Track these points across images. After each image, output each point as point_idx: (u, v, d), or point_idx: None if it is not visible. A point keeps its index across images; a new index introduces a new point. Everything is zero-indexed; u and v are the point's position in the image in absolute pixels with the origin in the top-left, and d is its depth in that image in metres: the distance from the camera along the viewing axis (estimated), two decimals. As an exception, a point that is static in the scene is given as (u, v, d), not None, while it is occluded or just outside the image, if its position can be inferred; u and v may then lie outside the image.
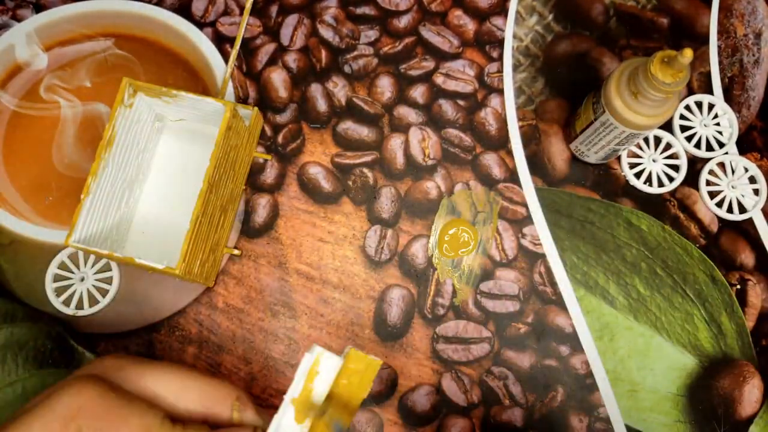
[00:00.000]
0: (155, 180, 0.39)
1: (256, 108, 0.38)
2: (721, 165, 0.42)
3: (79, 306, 0.37)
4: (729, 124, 0.42)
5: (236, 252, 0.39)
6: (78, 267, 0.38)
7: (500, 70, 0.43)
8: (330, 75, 0.42)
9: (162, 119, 0.39)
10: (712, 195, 0.41)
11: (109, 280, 0.38)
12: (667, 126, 0.42)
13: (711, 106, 0.42)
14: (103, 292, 0.37)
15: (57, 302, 0.37)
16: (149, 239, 0.38)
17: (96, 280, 0.38)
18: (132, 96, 0.35)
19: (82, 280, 0.38)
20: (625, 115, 0.34)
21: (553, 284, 0.39)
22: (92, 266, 0.38)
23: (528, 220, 0.40)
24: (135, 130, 0.36)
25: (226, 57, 0.42)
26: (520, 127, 0.42)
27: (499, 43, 0.43)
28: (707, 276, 0.40)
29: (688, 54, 0.30)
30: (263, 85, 0.42)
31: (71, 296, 0.37)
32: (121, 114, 0.35)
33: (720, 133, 0.42)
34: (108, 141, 0.34)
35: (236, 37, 0.42)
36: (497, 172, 0.41)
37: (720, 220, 0.41)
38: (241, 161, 0.38)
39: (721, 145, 0.42)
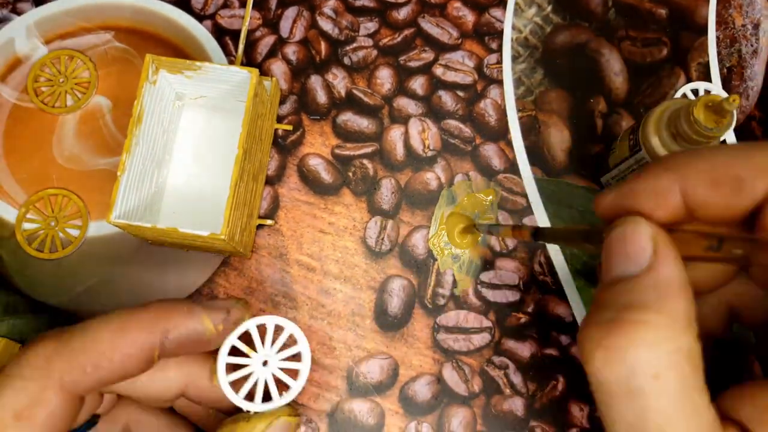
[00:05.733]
0: (179, 160, 0.39)
1: (275, 78, 0.39)
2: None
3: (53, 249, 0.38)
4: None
5: (270, 222, 0.39)
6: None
7: (499, 61, 0.43)
8: (329, 67, 0.42)
9: (182, 98, 0.39)
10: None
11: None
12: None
13: (707, 93, 0.43)
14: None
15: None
16: (180, 218, 0.38)
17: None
18: (155, 73, 0.35)
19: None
20: (661, 156, 0.33)
21: (554, 274, 0.39)
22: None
23: (528, 210, 0.40)
24: (159, 109, 0.36)
25: (225, 49, 0.42)
26: (520, 118, 0.42)
27: (498, 35, 0.43)
28: (707, 265, 0.40)
29: (734, 101, 0.30)
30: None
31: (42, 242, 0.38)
32: (147, 90, 0.35)
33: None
34: (137, 117, 0.34)
35: (243, 19, 0.42)
36: (497, 162, 0.41)
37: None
38: (265, 131, 0.38)
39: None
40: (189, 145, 0.39)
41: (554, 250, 0.40)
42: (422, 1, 0.43)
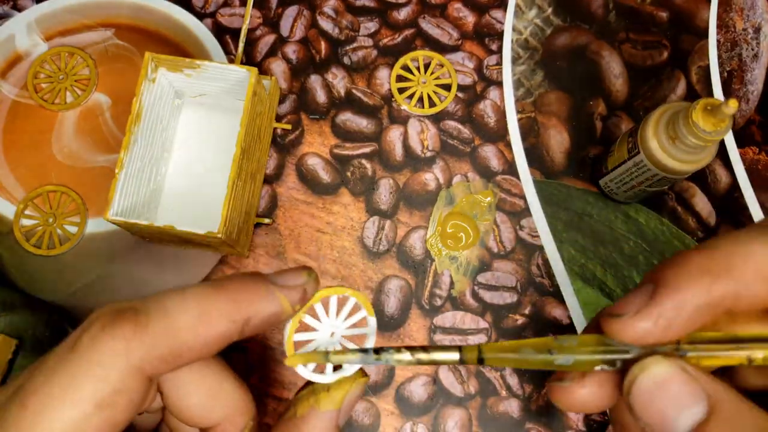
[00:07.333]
0: (178, 158, 0.39)
1: (274, 77, 0.39)
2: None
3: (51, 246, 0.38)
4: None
5: (267, 221, 0.39)
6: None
7: (499, 63, 0.43)
8: (329, 66, 0.42)
9: (181, 96, 0.39)
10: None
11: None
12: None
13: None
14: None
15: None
16: (177, 216, 0.38)
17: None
18: (154, 71, 0.35)
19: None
20: (659, 158, 0.33)
21: (551, 276, 0.39)
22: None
23: (526, 212, 0.40)
24: (158, 107, 0.36)
25: (225, 48, 0.42)
26: (519, 120, 0.42)
27: (499, 36, 0.43)
28: (704, 269, 0.40)
29: (732, 104, 0.29)
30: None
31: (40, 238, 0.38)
32: (146, 88, 0.35)
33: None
34: (136, 115, 0.34)
35: (244, 17, 0.42)
36: (496, 164, 0.41)
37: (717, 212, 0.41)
38: (264, 130, 0.39)
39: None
40: (187, 143, 0.39)
41: (552, 251, 0.40)
42: (423, 2, 0.43)
